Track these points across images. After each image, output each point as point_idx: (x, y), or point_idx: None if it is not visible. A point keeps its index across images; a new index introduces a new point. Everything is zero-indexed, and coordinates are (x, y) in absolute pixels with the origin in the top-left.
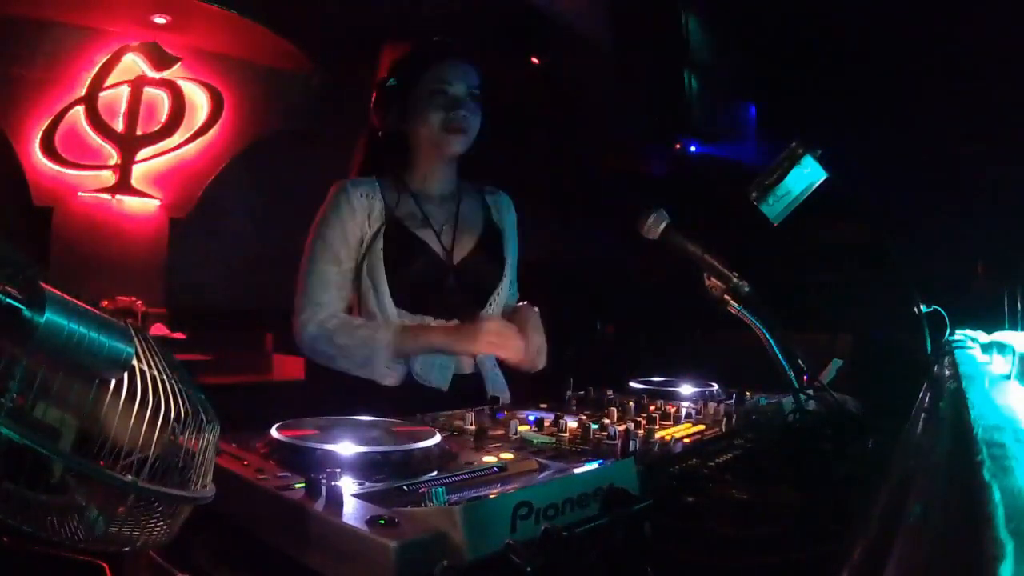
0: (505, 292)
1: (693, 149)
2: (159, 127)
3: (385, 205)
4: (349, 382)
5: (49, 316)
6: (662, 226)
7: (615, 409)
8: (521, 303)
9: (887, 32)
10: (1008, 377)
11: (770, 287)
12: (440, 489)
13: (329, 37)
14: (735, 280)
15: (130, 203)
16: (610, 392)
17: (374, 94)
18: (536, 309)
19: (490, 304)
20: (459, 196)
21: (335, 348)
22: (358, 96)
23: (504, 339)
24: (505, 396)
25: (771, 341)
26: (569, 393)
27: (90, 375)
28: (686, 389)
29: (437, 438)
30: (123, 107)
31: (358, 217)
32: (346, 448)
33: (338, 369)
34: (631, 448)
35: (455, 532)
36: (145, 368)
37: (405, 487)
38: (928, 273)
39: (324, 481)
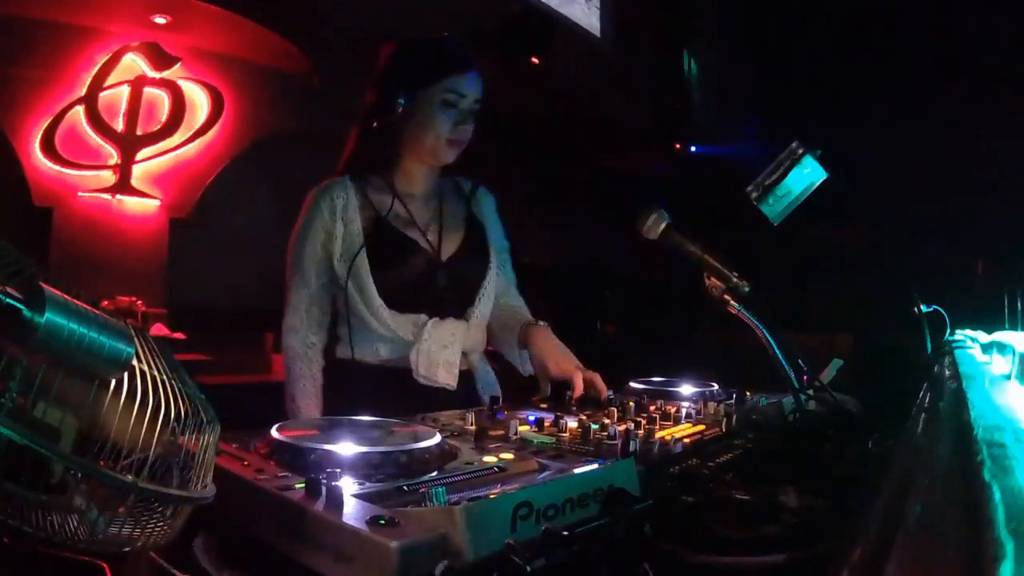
0: (493, 284)
1: (693, 149)
2: (159, 127)
3: (369, 203)
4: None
5: (49, 316)
6: (662, 226)
7: (615, 409)
8: (538, 323)
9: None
10: (1008, 377)
11: (770, 287)
12: (440, 489)
13: (329, 37)
14: (735, 280)
15: (130, 203)
16: (610, 392)
17: (376, 89)
18: (547, 324)
19: (479, 297)
20: (440, 194)
21: (286, 369)
22: (358, 96)
23: None
24: (496, 393)
25: (771, 341)
26: (569, 393)
27: (90, 375)
28: (686, 389)
29: (437, 438)
30: (123, 107)
31: (329, 228)
32: (346, 448)
33: None
34: (631, 448)
35: (455, 532)
36: (145, 368)
37: (405, 487)
38: (928, 273)
39: (324, 481)
